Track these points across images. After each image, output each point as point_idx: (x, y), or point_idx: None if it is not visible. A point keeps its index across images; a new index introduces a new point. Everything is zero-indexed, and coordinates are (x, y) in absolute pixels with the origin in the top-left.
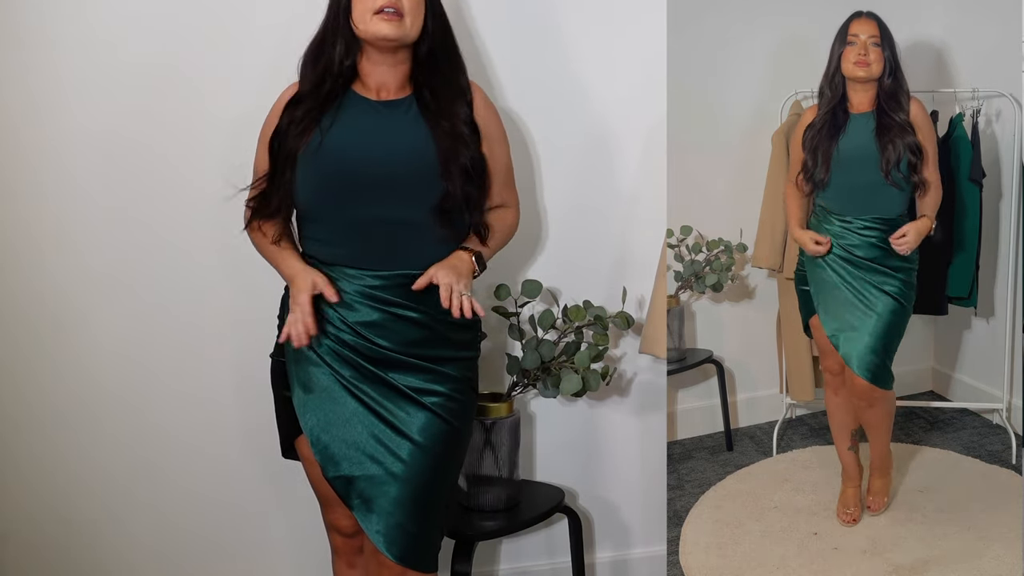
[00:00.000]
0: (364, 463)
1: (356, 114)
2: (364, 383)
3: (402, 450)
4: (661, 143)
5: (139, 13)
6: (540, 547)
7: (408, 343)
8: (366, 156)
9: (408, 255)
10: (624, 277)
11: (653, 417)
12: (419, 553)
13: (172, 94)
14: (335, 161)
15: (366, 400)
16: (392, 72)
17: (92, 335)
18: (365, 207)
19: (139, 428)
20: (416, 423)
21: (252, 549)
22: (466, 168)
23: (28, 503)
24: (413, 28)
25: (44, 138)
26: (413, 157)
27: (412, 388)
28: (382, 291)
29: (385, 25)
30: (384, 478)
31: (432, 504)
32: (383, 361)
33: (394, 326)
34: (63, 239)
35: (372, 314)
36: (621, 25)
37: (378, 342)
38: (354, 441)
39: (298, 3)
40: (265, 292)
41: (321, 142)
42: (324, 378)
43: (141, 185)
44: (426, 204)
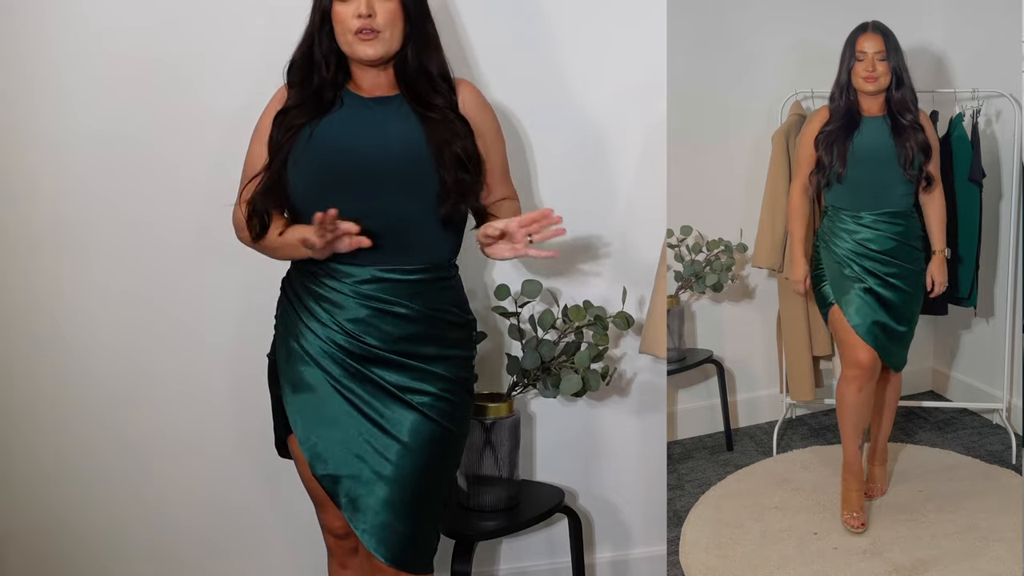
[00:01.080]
0: (351, 462)
1: (347, 110)
2: (352, 382)
3: (390, 451)
4: (661, 143)
5: (139, 13)
6: (540, 547)
7: (395, 339)
8: (355, 149)
9: (403, 250)
10: (624, 277)
11: (653, 417)
12: (411, 554)
13: (171, 93)
14: (324, 155)
15: (354, 400)
16: (384, 74)
17: (91, 335)
18: (357, 202)
19: (139, 429)
20: (404, 424)
21: (250, 549)
22: (459, 156)
23: (27, 503)
24: (393, 41)
25: (42, 138)
26: (404, 148)
27: (400, 387)
28: (375, 288)
29: (366, 47)
30: (371, 478)
31: (423, 505)
32: (371, 359)
33: (381, 323)
34: (61, 239)
35: (360, 311)
36: (621, 24)
37: (366, 340)
38: (342, 440)
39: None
40: (263, 291)
41: (311, 136)
42: (313, 377)
43: (140, 185)
44: (420, 196)
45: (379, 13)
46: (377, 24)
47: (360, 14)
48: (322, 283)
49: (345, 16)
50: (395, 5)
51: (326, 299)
